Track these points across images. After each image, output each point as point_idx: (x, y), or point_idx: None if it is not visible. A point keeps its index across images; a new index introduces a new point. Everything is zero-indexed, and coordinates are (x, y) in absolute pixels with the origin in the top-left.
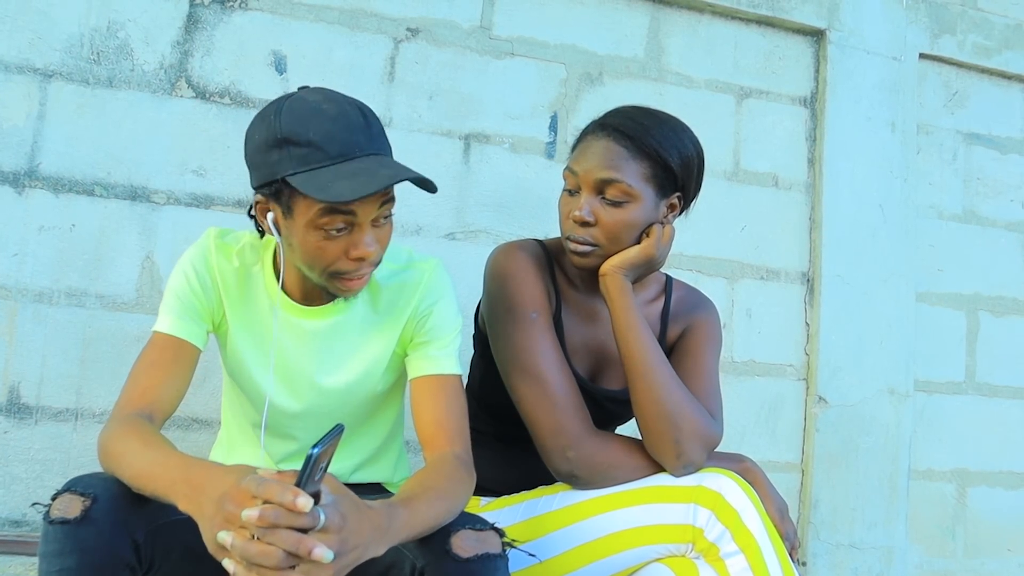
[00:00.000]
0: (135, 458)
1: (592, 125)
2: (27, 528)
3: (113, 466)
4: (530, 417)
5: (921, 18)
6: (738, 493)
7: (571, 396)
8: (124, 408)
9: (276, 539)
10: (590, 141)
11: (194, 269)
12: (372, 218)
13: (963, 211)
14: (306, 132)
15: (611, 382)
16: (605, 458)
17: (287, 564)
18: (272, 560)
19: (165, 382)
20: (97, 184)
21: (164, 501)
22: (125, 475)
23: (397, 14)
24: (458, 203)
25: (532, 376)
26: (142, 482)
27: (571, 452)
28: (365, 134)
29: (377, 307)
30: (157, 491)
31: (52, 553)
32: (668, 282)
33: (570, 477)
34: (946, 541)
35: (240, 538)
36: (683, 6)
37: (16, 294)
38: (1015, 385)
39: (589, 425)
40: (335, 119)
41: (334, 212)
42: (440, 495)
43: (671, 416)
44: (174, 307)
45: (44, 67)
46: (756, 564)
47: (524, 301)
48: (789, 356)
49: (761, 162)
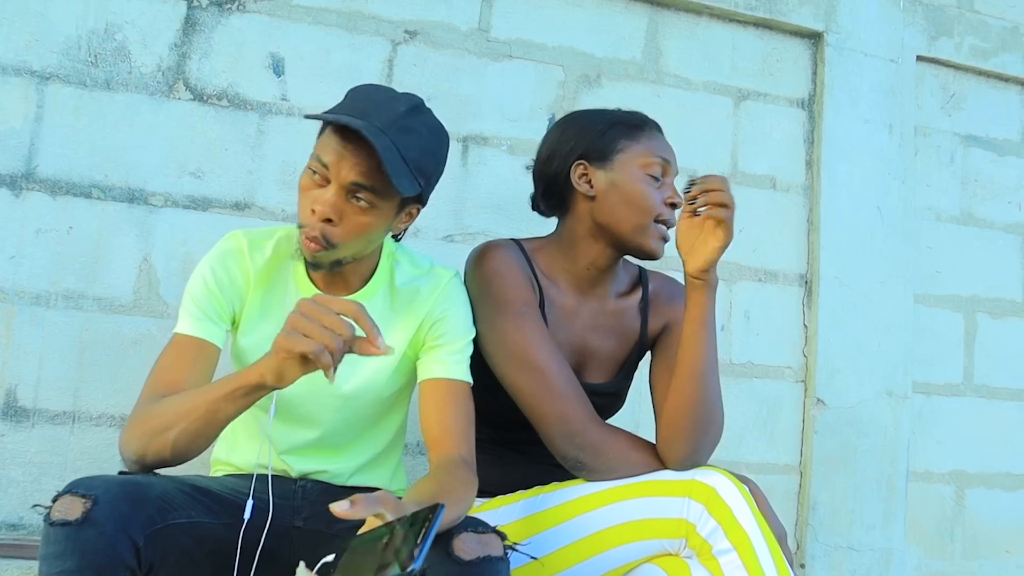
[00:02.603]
0: (181, 398)
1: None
2: (24, 531)
3: (152, 425)
4: (534, 408)
5: (918, 20)
6: (731, 489)
7: (573, 385)
8: (148, 399)
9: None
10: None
11: (212, 271)
12: (343, 184)
13: (961, 213)
14: (347, 96)
15: (594, 376)
16: (611, 448)
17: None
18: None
19: (187, 378)
20: (94, 186)
21: (222, 411)
22: (173, 417)
23: (395, 16)
24: (456, 205)
25: (532, 368)
26: (198, 405)
27: (579, 438)
28: (387, 113)
29: (395, 306)
30: (218, 397)
31: (53, 555)
32: (642, 273)
33: (576, 463)
34: (944, 543)
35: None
36: (681, 8)
37: (13, 296)
38: (1013, 387)
39: (592, 412)
40: (374, 90)
41: (319, 157)
42: (455, 499)
43: (704, 423)
44: (193, 309)
45: (41, 69)
46: (749, 562)
47: (513, 295)
48: (787, 358)
49: (759, 164)
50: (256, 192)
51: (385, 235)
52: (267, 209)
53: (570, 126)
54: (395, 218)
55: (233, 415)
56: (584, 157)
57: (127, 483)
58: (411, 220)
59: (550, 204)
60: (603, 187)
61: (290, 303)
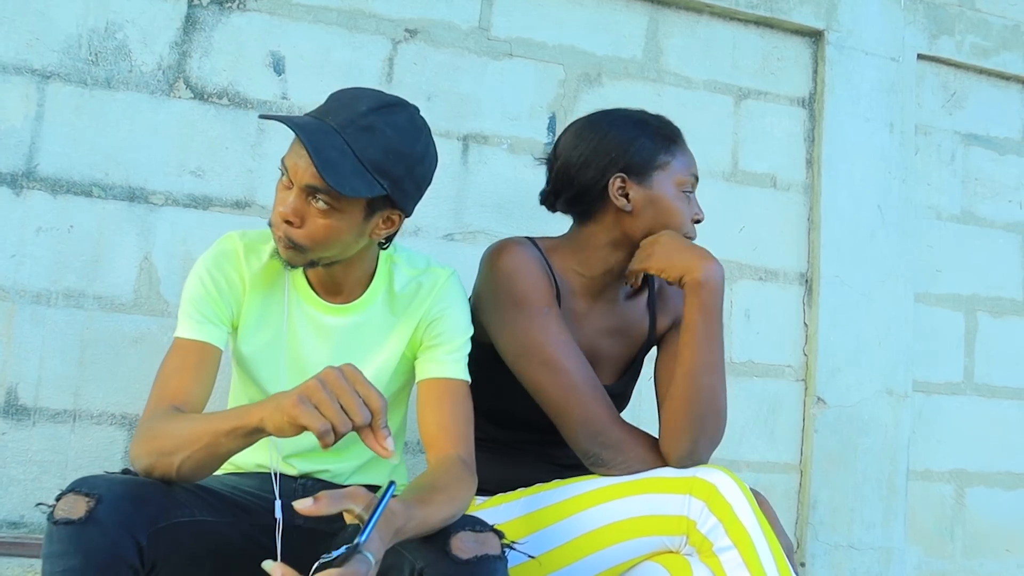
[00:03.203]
0: (187, 423)
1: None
2: (25, 530)
3: (158, 445)
4: (558, 407)
5: (919, 19)
6: (732, 487)
7: (595, 385)
8: (156, 408)
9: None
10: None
11: (209, 273)
12: (300, 186)
13: (961, 212)
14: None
15: (602, 377)
16: (632, 447)
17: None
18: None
19: (192, 383)
20: (95, 185)
21: (223, 445)
22: (178, 442)
23: (395, 15)
24: (456, 204)
25: (554, 368)
26: (200, 435)
27: (602, 436)
28: (346, 113)
29: (394, 310)
30: (219, 431)
31: (56, 554)
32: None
33: (598, 460)
34: (944, 542)
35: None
36: (681, 7)
37: (14, 295)
38: (1013, 386)
39: (615, 411)
40: (348, 91)
41: (283, 159)
42: (450, 498)
43: (701, 422)
44: (192, 312)
45: (42, 68)
46: (750, 559)
47: (536, 295)
48: (787, 357)
49: (759, 163)
50: (257, 191)
51: (361, 240)
52: (267, 208)
53: (608, 135)
54: (365, 222)
55: (235, 450)
56: (624, 171)
57: (130, 482)
58: (392, 227)
59: (573, 208)
60: (640, 203)
61: (289, 308)
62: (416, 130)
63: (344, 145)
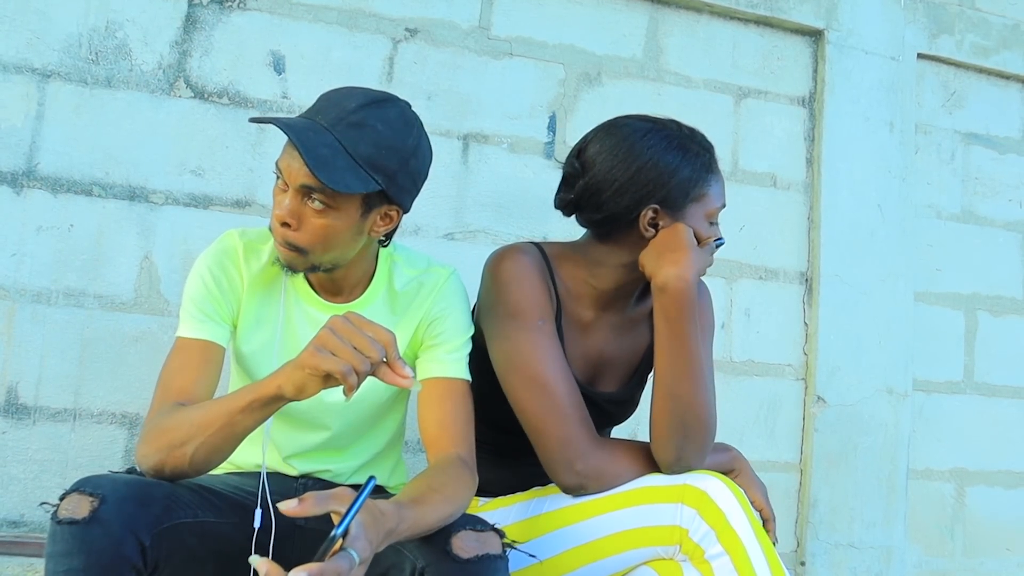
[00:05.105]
0: (197, 411)
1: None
2: (25, 529)
3: (168, 439)
4: (536, 427)
5: (919, 18)
6: (725, 493)
7: (578, 407)
8: (161, 407)
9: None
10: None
11: (210, 271)
12: (295, 187)
13: (961, 211)
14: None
15: (608, 384)
16: (613, 468)
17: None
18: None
19: (197, 382)
20: (95, 184)
21: (239, 424)
22: (191, 431)
23: (396, 14)
24: (457, 203)
25: (538, 385)
26: (214, 419)
27: (579, 465)
28: (336, 110)
29: (395, 309)
30: (234, 410)
31: (59, 553)
32: None
33: (578, 489)
34: (945, 541)
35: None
36: (681, 6)
37: (14, 294)
38: (1013, 384)
39: (595, 436)
40: (339, 90)
41: (277, 162)
42: (445, 497)
43: (683, 429)
44: (194, 311)
45: (42, 67)
46: (741, 565)
47: (530, 307)
48: (788, 356)
49: (759, 162)
50: (257, 190)
51: (360, 238)
52: (268, 207)
53: (647, 165)
54: (363, 220)
55: (252, 427)
56: (660, 203)
57: (134, 482)
58: (390, 223)
59: (594, 226)
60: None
61: (288, 307)
62: (407, 124)
63: (335, 142)
